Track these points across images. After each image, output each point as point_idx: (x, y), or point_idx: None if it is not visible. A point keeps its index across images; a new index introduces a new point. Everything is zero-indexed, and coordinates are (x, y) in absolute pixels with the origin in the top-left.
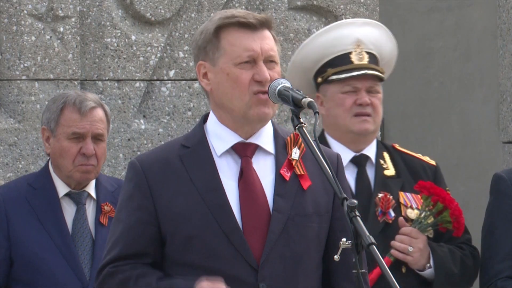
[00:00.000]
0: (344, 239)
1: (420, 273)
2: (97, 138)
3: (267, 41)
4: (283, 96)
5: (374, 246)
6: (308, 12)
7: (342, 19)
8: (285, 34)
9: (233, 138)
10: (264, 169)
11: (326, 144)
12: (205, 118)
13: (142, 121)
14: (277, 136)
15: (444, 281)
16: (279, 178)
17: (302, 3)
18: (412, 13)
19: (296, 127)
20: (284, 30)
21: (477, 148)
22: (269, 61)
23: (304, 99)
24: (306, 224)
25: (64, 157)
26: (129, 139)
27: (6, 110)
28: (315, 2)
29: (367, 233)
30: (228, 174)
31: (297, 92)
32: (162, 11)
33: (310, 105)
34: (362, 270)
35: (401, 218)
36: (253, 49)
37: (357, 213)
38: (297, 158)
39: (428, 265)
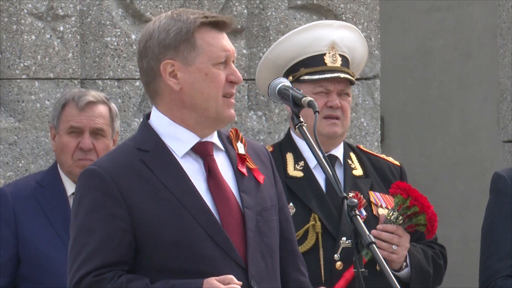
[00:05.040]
0: (344, 238)
1: (396, 274)
2: (96, 133)
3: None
4: (283, 95)
5: (374, 245)
6: (308, 11)
7: (342, 18)
8: (285, 33)
9: (192, 138)
10: (222, 166)
11: (293, 143)
12: (147, 119)
13: None
14: (219, 132)
15: (420, 281)
16: (238, 174)
17: (302, 2)
18: (412, 12)
19: (296, 126)
20: (284, 29)
21: (477, 147)
22: (232, 61)
23: (304, 98)
24: (270, 218)
25: (64, 152)
26: None
27: (6, 109)
28: (315, 1)
29: (367, 232)
30: (194, 175)
31: (297, 91)
32: (162, 10)
33: (310, 104)
34: (362, 270)
35: (382, 214)
36: (228, 49)
37: (357, 212)
38: (244, 153)
39: (405, 264)
